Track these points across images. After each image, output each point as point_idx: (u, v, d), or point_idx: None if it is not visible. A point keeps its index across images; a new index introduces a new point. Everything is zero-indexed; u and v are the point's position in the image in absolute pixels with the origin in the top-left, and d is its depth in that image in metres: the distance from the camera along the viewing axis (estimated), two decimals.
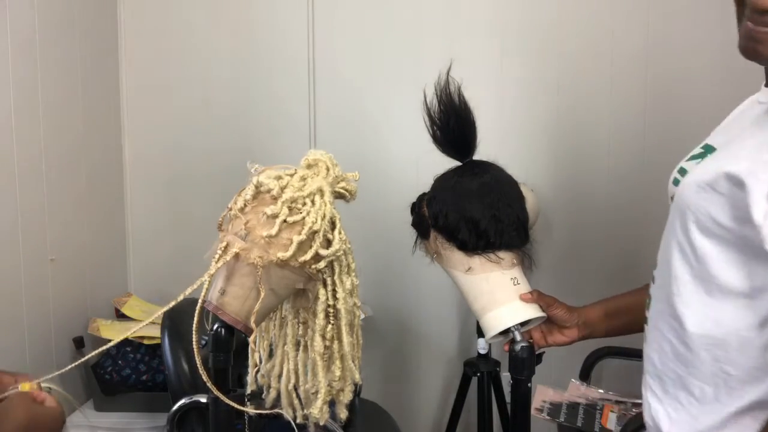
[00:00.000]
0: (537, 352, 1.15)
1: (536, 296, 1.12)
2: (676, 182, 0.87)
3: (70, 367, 0.89)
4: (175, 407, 1.39)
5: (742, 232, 0.73)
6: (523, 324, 1.12)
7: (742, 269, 0.76)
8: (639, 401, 1.66)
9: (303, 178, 0.96)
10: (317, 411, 1.00)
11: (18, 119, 1.57)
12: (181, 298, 0.90)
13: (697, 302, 0.80)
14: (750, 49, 0.74)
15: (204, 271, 0.91)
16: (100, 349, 0.94)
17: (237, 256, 0.91)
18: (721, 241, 0.76)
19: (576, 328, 1.15)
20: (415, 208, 1.18)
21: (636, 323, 1.02)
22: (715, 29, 1.85)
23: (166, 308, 0.92)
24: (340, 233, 0.96)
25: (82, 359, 0.92)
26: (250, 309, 0.92)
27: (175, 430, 1.40)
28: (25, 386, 0.82)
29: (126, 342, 1.76)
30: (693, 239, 0.79)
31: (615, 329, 1.17)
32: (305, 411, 1.04)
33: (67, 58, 1.80)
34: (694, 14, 1.87)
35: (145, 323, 0.92)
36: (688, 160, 0.88)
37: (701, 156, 0.85)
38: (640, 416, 1.41)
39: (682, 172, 0.87)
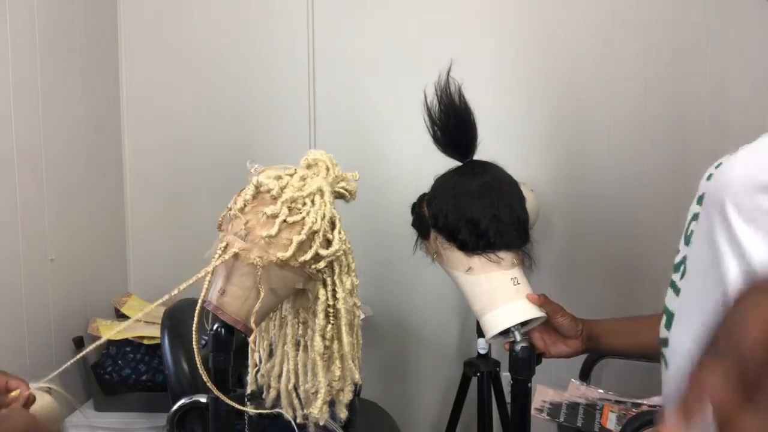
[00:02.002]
0: (537, 353, 1.15)
1: (543, 301, 1.11)
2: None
3: (65, 366, 0.89)
4: (175, 407, 1.39)
5: None
6: (523, 324, 1.12)
7: None
8: (639, 401, 1.67)
9: (303, 178, 0.96)
10: (317, 411, 1.00)
11: (18, 119, 1.57)
12: (175, 292, 0.90)
13: None
14: None
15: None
16: (95, 344, 0.94)
17: (237, 256, 0.91)
18: None
19: (579, 339, 1.12)
20: (415, 208, 1.18)
21: (640, 347, 0.98)
22: (715, 29, 1.86)
23: (159, 302, 0.92)
24: (340, 233, 0.96)
25: (78, 356, 0.91)
26: (250, 309, 0.92)
27: (175, 430, 1.40)
28: (14, 393, 0.83)
29: (126, 342, 1.76)
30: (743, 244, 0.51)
31: (617, 348, 1.14)
32: (305, 411, 1.04)
33: (67, 58, 1.80)
34: (694, 14, 1.87)
35: (138, 316, 0.92)
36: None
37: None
38: (640, 416, 1.41)
39: None
